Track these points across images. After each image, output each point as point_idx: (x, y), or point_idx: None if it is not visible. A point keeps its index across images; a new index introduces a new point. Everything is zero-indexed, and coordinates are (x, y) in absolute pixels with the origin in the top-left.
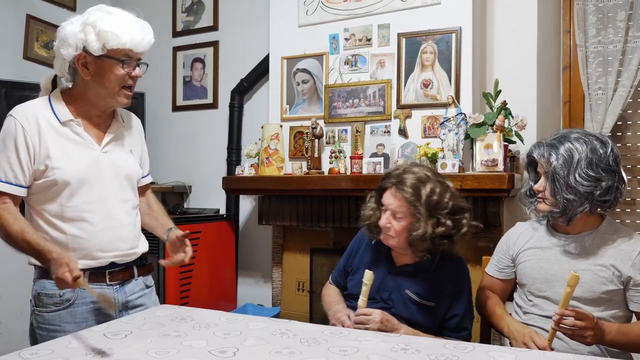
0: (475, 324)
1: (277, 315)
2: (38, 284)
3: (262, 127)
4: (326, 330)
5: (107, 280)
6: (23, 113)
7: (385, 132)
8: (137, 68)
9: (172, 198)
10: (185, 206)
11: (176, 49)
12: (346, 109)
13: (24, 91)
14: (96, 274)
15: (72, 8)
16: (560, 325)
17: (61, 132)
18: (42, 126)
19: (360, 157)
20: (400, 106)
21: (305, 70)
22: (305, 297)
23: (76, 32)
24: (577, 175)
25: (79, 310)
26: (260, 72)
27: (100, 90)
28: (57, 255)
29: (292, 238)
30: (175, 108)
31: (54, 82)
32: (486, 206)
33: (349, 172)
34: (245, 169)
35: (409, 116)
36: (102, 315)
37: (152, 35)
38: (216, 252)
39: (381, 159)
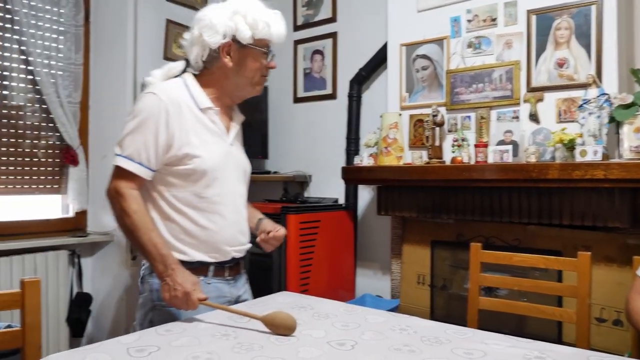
0: (624, 333)
1: (396, 308)
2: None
3: (380, 116)
4: (450, 329)
5: (226, 274)
6: (167, 94)
7: (513, 117)
8: (274, 58)
9: (293, 187)
10: (305, 195)
11: (297, 42)
12: (469, 94)
13: None
14: (219, 268)
15: None
16: None
17: (200, 118)
18: (184, 110)
19: (486, 145)
20: (530, 89)
21: (424, 56)
22: (426, 291)
23: (225, 20)
24: None
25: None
26: (378, 61)
27: (238, 79)
28: (182, 273)
29: (411, 229)
30: (296, 100)
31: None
32: (636, 198)
33: (473, 162)
34: (364, 159)
35: (540, 99)
36: None
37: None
38: (335, 242)
39: (509, 147)
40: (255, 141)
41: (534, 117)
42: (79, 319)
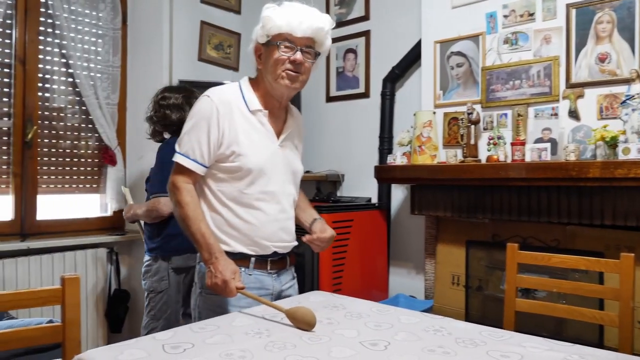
0: None
1: (430, 309)
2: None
3: (414, 115)
4: (485, 331)
5: (268, 268)
6: (219, 97)
7: (552, 114)
8: (297, 53)
9: (326, 186)
10: (338, 194)
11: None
12: (506, 91)
13: (200, 89)
14: (260, 261)
15: (238, 11)
16: None
17: (249, 119)
18: (234, 111)
19: (523, 143)
20: (570, 85)
21: (459, 53)
22: (461, 292)
23: (256, 27)
24: None
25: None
26: (412, 59)
27: (267, 76)
28: (224, 262)
29: (446, 229)
30: (329, 99)
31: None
32: None
33: (509, 160)
34: (397, 158)
35: (580, 96)
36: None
37: (318, 20)
38: (368, 241)
39: (547, 145)
40: None
41: (573, 114)
42: (117, 315)
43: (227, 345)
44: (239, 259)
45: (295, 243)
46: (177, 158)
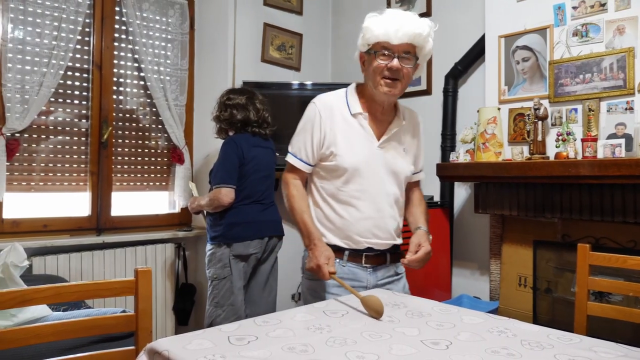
0: None
1: (495, 311)
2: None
3: (478, 111)
4: (553, 334)
5: (363, 262)
6: (322, 102)
7: (626, 109)
8: (394, 60)
9: None
10: None
11: None
12: (575, 85)
13: (262, 89)
14: (354, 255)
15: (300, 12)
16: None
17: (350, 122)
18: (336, 115)
19: (595, 139)
20: None
21: (525, 47)
22: (528, 294)
23: (359, 36)
24: None
25: (331, 283)
26: (475, 54)
27: (369, 83)
28: (320, 248)
29: (512, 228)
30: None
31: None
32: None
33: (580, 157)
34: (460, 155)
35: None
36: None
37: (416, 26)
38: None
39: (621, 141)
40: None
41: None
42: (184, 308)
43: (289, 339)
44: (335, 250)
45: (396, 241)
46: (288, 157)
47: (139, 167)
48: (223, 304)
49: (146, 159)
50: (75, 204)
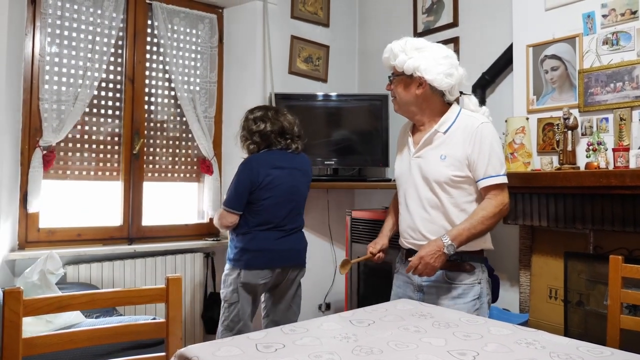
0: None
1: (525, 323)
2: None
3: (505, 121)
4: (583, 346)
5: (404, 260)
6: (404, 124)
7: None
8: (389, 84)
9: None
10: None
11: None
12: (606, 94)
13: (290, 101)
14: (405, 254)
15: (326, 24)
16: None
17: (406, 138)
18: (403, 134)
19: (627, 149)
20: None
21: (554, 57)
22: (559, 307)
23: None
24: None
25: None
26: (503, 64)
27: None
28: (377, 237)
29: (542, 240)
30: None
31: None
32: None
33: (611, 167)
34: None
35: None
36: (408, 290)
37: (385, 50)
38: None
39: None
40: (375, 149)
41: None
42: (211, 316)
43: (315, 347)
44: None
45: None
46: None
47: (169, 175)
48: (232, 328)
49: (176, 167)
50: (108, 213)
